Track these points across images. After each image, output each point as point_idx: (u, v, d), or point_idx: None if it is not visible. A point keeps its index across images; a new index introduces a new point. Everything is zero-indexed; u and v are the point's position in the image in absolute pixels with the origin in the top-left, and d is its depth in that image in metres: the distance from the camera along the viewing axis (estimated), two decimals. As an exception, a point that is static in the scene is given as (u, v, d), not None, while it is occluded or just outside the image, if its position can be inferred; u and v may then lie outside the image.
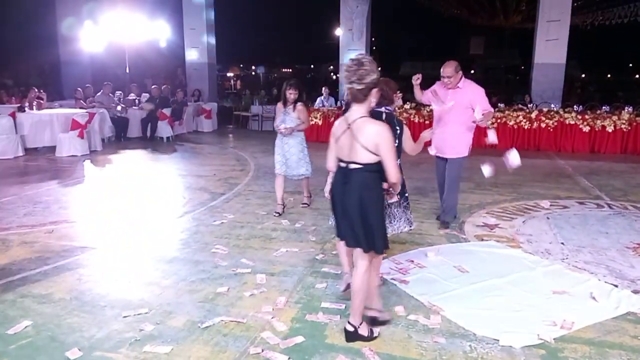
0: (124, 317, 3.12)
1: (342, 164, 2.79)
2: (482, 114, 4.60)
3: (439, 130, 4.83)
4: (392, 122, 3.50)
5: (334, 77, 28.05)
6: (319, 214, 5.48)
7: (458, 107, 4.79)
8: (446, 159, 5.00)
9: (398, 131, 3.61)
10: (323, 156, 3.11)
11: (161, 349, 2.75)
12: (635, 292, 3.49)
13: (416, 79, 4.83)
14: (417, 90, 5.06)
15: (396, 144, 3.35)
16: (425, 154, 4.36)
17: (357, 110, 2.70)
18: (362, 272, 2.79)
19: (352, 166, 2.71)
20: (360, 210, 2.71)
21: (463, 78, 4.81)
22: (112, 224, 5.11)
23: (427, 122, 10.90)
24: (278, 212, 5.42)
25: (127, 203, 6.00)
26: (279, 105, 5.46)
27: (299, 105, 5.31)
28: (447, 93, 4.84)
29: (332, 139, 2.86)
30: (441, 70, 4.77)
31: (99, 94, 11.63)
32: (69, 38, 14.38)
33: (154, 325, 3.01)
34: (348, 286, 3.20)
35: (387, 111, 3.60)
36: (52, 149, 9.39)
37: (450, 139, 4.87)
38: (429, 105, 5.52)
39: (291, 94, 5.28)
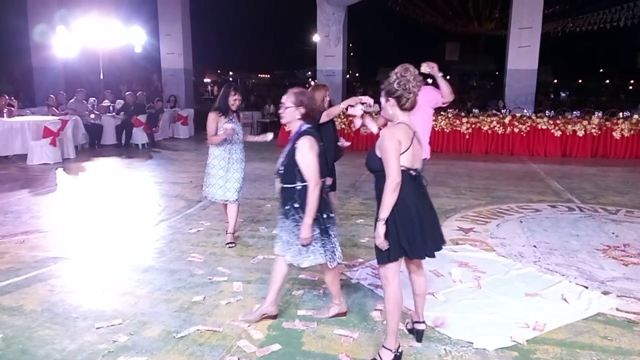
0: (97, 328, 3.06)
1: (414, 172, 2.62)
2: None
3: None
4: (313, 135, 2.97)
5: (313, 82, 28.13)
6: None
7: (422, 112, 4.51)
8: None
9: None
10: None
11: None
12: (605, 293, 3.58)
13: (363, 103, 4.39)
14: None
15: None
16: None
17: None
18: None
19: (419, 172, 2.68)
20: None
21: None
22: (86, 234, 5.02)
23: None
24: (233, 243, 4.58)
25: (101, 212, 5.90)
26: (214, 115, 4.34)
27: (240, 113, 4.62)
28: None
29: (402, 148, 2.53)
30: None
31: (71, 100, 11.43)
32: (41, 44, 14.10)
33: (128, 336, 2.97)
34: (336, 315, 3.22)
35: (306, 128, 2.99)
36: (24, 157, 9.17)
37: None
38: None
39: (236, 100, 4.39)
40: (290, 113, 2.96)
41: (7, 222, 5.37)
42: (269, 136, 4.63)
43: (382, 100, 2.66)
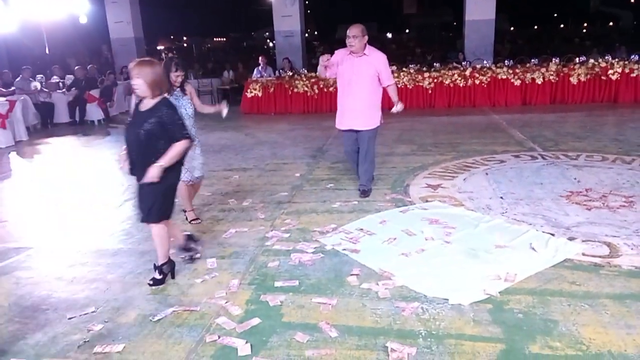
0: (69, 318, 2.98)
1: None
2: (395, 98, 4.84)
3: (347, 102, 4.72)
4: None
5: (271, 44, 27.44)
6: (265, 189, 5.41)
7: (367, 77, 4.66)
8: (356, 131, 4.84)
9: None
10: (264, 129, 3.03)
11: (113, 347, 2.66)
12: (570, 239, 3.71)
13: (325, 60, 4.69)
14: (322, 69, 4.82)
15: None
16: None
17: None
18: None
19: None
20: None
21: (367, 45, 4.66)
22: (48, 220, 4.84)
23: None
24: (198, 219, 4.56)
25: (61, 195, 5.68)
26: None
27: (188, 85, 4.32)
28: (353, 62, 4.65)
29: None
30: (347, 31, 4.60)
31: (17, 79, 10.80)
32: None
33: (103, 323, 2.90)
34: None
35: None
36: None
37: (363, 110, 4.73)
38: None
39: (178, 77, 4.13)
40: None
41: (-39, 214, 5.12)
42: (224, 111, 4.40)
43: None
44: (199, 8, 26.91)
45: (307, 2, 19.90)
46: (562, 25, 36.17)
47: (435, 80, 10.87)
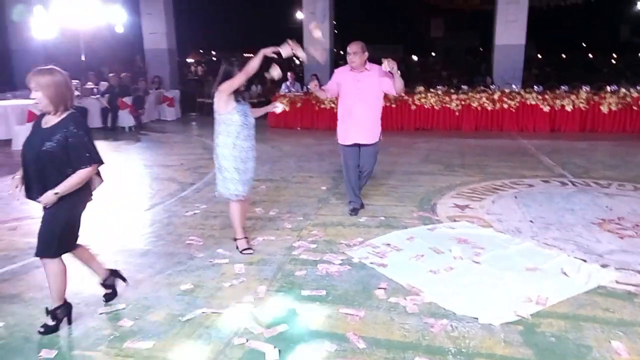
0: (101, 313, 3.03)
1: None
2: (397, 86, 4.61)
3: (351, 117, 4.74)
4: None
5: (297, 61, 27.78)
6: (292, 201, 5.45)
7: (370, 91, 4.69)
8: (360, 146, 4.84)
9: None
10: (291, 143, 3.07)
11: (142, 344, 2.69)
12: (603, 266, 3.63)
13: (313, 86, 4.78)
14: (320, 93, 4.90)
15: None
16: (400, 138, 4.38)
17: None
18: None
19: None
20: None
21: (367, 61, 4.71)
22: (79, 219, 4.93)
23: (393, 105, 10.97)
24: (250, 249, 4.01)
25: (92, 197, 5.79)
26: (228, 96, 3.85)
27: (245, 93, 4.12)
28: (356, 78, 4.68)
29: None
30: (347, 48, 4.67)
31: (54, 83, 11.12)
32: (18, 26, 13.64)
33: (133, 320, 2.94)
34: None
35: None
36: (8, 142, 8.95)
37: (367, 124, 4.74)
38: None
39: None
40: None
41: (-4, 208, 5.26)
42: (279, 107, 4.49)
43: None
44: (229, 23, 27.44)
45: (334, 22, 20.14)
46: (590, 55, 35.87)
47: (463, 103, 10.85)
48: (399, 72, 4.49)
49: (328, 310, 3.06)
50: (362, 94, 4.69)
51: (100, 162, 2.87)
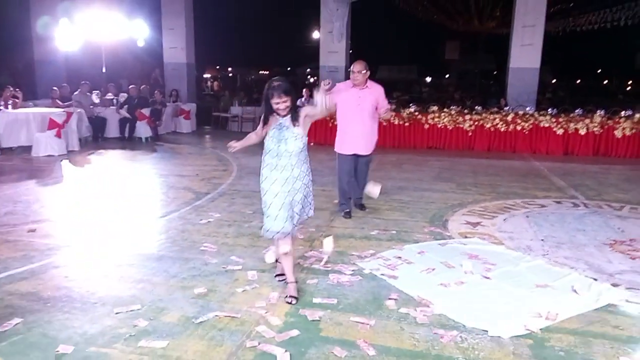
0: (117, 313, 3.10)
1: None
2: (385, 110, 5.40)
3: (351, 129, 5.22)
4: None
5: (311, 79, 28.12)
6: (305, 212, 5.51)
7: (369, 106, 5.21)
8: (358, 156, 5.34)
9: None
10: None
11: (157, 343, 2.75)
12: (614, 285, 3.64)
13: (326, 83, 4.35)
14: (326, 95, 4.78)
15: None
16: (404, 154, 4.44)
17: None
18: None
19: None
20: None
21: (367, 79, 5.20)
22: (96, 223, 5.05)
23: (407, 124, 11.07)
24: (295, 298, 3.32)
25: (109, 202, 5.93)
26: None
27: (303, 110, 3.45)
28: (358, 94, 5.16)
29: None
30: (352, 67, 5.15)
31: (76, 93, 11.42)
32: (43, 37, 14.05)
33: (148, 321, 3.00)
34: None
35: None
36: (28, 148, 9.17)
37: (365, 136, 5.27)
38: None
39: (279, 103, 3.30)
40: None
41: (17, 211, 5.39)
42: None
43: None
44: (246, 40, 27.89)
45: (350, 41, 20.43)
46: (605, 82, 35.80)
47: (476, 123, 10.91)
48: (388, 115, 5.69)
49: (339, 317, 3.10)
50: (362, 109, 5.19)
51: None
